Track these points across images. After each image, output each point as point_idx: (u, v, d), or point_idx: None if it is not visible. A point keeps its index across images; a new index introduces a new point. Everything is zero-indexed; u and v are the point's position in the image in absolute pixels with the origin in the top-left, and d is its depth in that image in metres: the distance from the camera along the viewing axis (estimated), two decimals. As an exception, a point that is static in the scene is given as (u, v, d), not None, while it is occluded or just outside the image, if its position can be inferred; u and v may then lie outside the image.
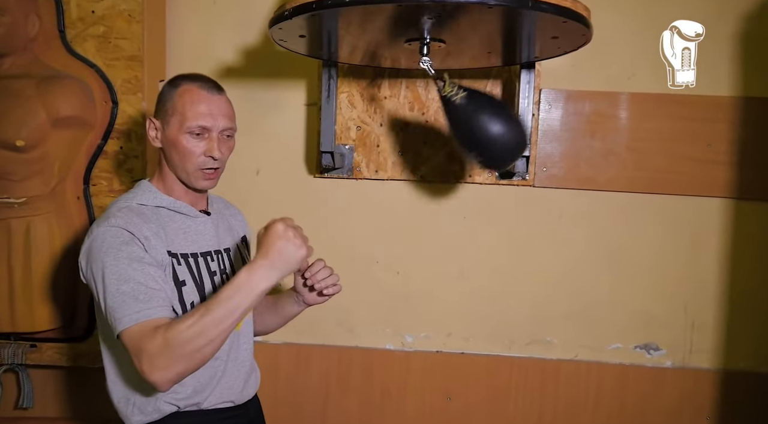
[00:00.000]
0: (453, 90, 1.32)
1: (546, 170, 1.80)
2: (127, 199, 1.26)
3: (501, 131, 1.31)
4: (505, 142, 1.34)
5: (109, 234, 1.15)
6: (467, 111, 1.32)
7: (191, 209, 1.30)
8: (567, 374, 1.84)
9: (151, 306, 1.10)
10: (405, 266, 1.87)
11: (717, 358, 1.81)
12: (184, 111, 1.23)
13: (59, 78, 1.67)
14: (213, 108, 1.24)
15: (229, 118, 1.27)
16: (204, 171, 1.26)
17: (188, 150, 1.24)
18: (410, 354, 1.88)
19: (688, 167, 1.76)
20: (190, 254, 1.26)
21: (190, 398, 1.23)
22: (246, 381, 1.35)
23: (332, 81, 1.66)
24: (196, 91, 1.24)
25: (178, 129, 1.23)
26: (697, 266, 1.80)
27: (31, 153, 1.63)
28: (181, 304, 1.21)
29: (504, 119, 1.33)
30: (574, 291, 1.84)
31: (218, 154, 1.24)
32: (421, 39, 1.29)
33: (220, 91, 1.28)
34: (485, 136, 1.32)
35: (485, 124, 1.31)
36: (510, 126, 1.34)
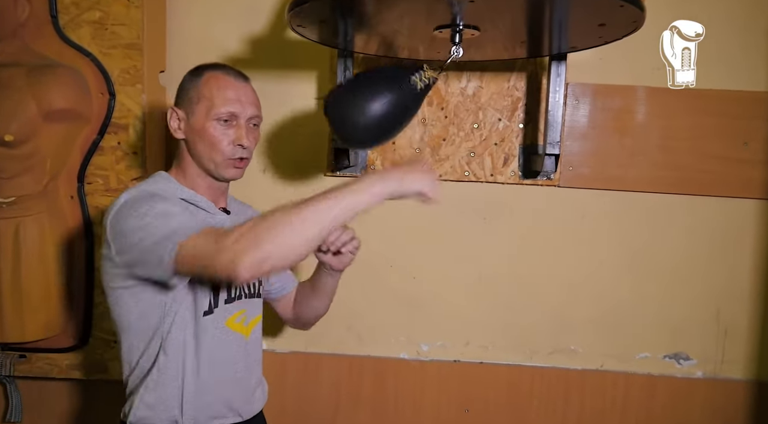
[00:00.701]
0: (428, 80, 1.25)
1: (572, 170, 1.70)
2: (149, 185, 1.19)
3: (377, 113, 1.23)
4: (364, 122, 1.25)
5: (143, 193, 1.13)
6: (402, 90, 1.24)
7: (211, 205, 1.25)
8: (592, 385, 1.74)
9: (198, 221, 1.10)
10: (421, 271, 1.77)
11: (751, 368, 1.72)
12: (211, 97, 1.19)
13: (51, 67, 1.54)
14: (241, 95, 1.20)
15: (257, 107, 1.24)
16: (233, 160, 1.21)
17: (216, 138, 1.19)
18: (426, 364, 1.77)
19: (722, 167, 1.67)
20: None
21: (191, 411, 1.18)
22: (253, 394, 1.30)
23: (348, 73, 1.54)
24: (223, 78, 1.21)
25: (205, 116, 1.18)
26: (731, 271, 1.71)
27: (21, 149, 1.50)
28: (194, 309, 1.17)
29: (388, 118, 1.25)
30: (600, 297, 1.74)
31: (247, 143, 1.20)
32: (454, 26, 1.18)
33: (246, 79, 1.25)
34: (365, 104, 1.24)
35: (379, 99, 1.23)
36: (378, 125, 1.26)
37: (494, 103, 1.68)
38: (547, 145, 1.51)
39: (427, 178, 1.11)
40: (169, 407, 1.16)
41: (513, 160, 1.70)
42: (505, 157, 1.69)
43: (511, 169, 1.70)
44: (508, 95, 1.68)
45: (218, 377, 1.21)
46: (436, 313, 1.77)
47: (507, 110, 1.68)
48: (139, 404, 1.16)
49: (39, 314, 1.59)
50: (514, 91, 1.68)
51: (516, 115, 1.68)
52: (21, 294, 1.56)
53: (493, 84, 1.68)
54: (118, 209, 1.11)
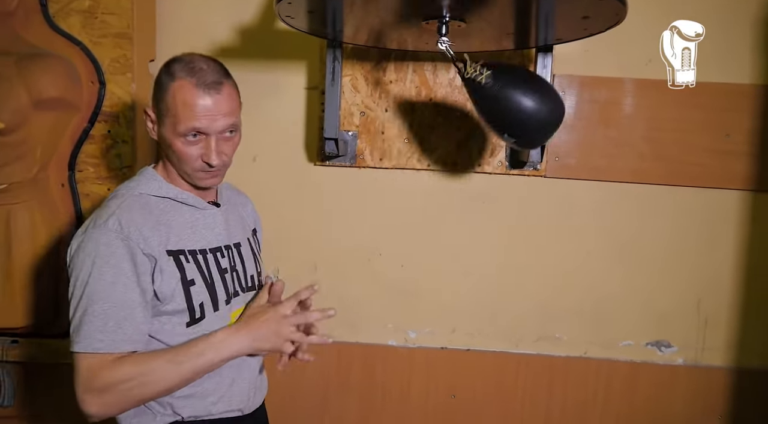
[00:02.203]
0: (476, 70, 1.23)
1: (558, 160, 1.72)
2: (130, 187, 1.17)
3: (534, 106, 1.23)
4: (541, 117, 1.26)
5: (102, 241, 1.06)
6: (494, 90, 1.23)
7: (199, 201, 1.20)
8: (576, 372, 1.78)
9: (116, 339, 1.05)
10: (409, 259, 1.79)
11: (730, 356, 1.76)
12: (176, 113, 1.10)
13: (41, 56, 1.55)
14: (210, 109, 1.10)
15: (230, 115, 1.13)
16: (204, 172, 1.16)
17: (184, 154, 1.12)
18: (413, 351, 1.80)
19: (705, 158, 1.70)
20: (198, 251, 1.16)
21: (193, 407, 1.15)
22: (255, 388, 1.27)
23: (337, 63, 1.55)
24: (190, 91, 1.09)
25: (172, 132, 1.11)
26: (712, 260, 1.74)
27: (11, 136, 1.51)
28: (189, 305, 1.13)
29: (536, 91, 1.25)
30: (584, 286, 1.77)
31: (216, 161, 1.13)
32: (440, 17, 1.19)
33: (219, 85, 1.11)
34: (518, 113, 1.24)
35: (516, 101, 1.23)
36: (544, 97, 1.25)
37: (482, 94, 1.70)
38: (533, 136, 1.53)
39: (281, 348, 1.15)
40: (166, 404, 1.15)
41: (500, 150, 1.72)
42: (492, 147, 1.71)
43: (498, 160, 1.72)
44: (496, 86, 1.69)
45: (218, 380, 1.18)
46: (424, 301, 1.80)
47: (495, 101, 1.70)
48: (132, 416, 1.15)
49: (30, 299, 1.60)
50: (501, 82, 1.69)
51: (503, 106, 1.70)
52: (12, 280, 1.57)
53: (481, 75, 1.69)
54: (79, 245, 1.08)
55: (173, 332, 1.12)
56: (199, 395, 1.15)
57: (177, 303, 1.12)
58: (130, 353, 1.06)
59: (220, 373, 1.15)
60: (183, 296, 1.12)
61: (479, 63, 1.25)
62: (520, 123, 1.25)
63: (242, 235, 1.30)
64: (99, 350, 1.04)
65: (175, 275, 1.11)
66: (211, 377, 1.14)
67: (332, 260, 1.80)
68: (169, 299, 1.11)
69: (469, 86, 1.27)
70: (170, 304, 1.11)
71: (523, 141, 1.33)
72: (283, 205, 1.78)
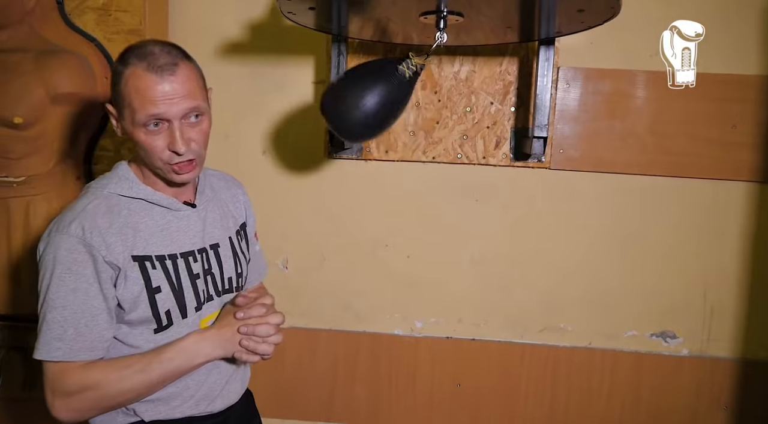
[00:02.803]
0: (415, 66, 1.28)
1: (563, 152, 1.73)
2: (101, 185, 1.12)
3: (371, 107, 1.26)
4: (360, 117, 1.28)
5: (63, 246, 1.02)
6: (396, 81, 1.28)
7: (173, 202, 1.14)
8: (580, 362, 1.79)
9: (74, 348, 1.02)
10: (415, 250, 1.82)
11: (736, 347, 1.76)
12: (131, 103, 1.03)
13: (58, 52, 1.61)
14: (166, 92, 1.02)
15: (189, 98, 1.04)
16: (175, 166, 1.08)
17: (149, 146, 1.05)
18: (419, 340, 1.83)
19: (711, 150, 1.70)
20: (167, 256, 1.11)
21: (156, 410, 1.13)
22: (224, 388, 1.21)
23: (342, 57, 1.58)
24: (141, 76, 1.02)
25: (131, 123, 1.05)
26: (718, 252, 1.74)
27: (29, 131, 1.58)
28: (154, 313, 1.09)
29: (382, 110, 1.28)
30: (590, 276, 1.78)
31: (182, 148, 1.04)
32: (438, 12, 1.22)
33: (173, 66, 1.03)
34: (358, 99, 1.27)
35: (370, 95, 1.26)
36: (374, 118, 1.28)
37: (486, 87, 1.72)
38: (535, 128, 1.55)
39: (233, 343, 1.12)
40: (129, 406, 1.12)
41: (504, 142, 1.73)
42: (496, 140, 1.73)
43: (502, 152, 1.74)
44: (500, 79, 1.71)
45: (185, 383, 1.15)
46: (430, 291, 1.83)
47: (499, 94, 1.72)
48: None
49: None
50: (506, 75, 1.71)
51: (508, 99, 1.72)
52: (32, 269, 1.63)
53: (486, 68, 1.71)
54: (44, 249, 1.05)
55: (142, 338, 1.10)
56: (164, 399, 1.13)
57: (142, 311, 1.08)
58: (97, 360, 1.05)
59: (185, 377, 1.12)
60: (147, 303, 1.08)
61: (421, 66, 1.30)
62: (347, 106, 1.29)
63: (223, 234, 1.24)
64: (56, 358, 1.02)
65: (138, 282, 1.07)
66: (176, 382, 1.11)
67: (339, 251, 1.83)
68: (132, 308, 1.07)
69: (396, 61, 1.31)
70: (135, 312, 1.08)
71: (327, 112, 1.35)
72: (290, 198, 1.82)
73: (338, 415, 1.86)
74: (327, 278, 1.84)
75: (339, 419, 1.86)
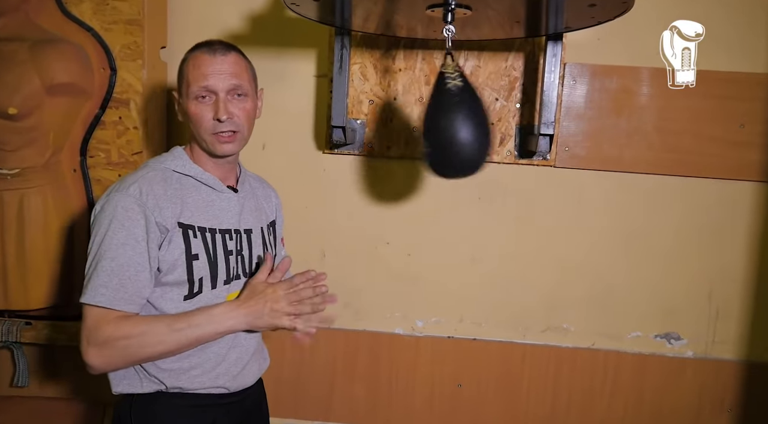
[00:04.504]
0: (453, 73, 1.22)
1: (568, 150, 1.70)
2: (158, 161, 1.25)
3: (466, 139, 1.19)
4: (462, 153, 1.21)
5: (121, 204, 1.13)
6: (451, 100, 1.20)
7: (218, 183, 1.26)
8: (583, 363, 1.77)
9: (116, 297, 1.11)
10: (416, 248, 1.79)
11: (740, 349, 1.74)
12: (188, 78, 1.21)
13: (54, 42, 1.57)
14: (216, 68, 1.19)
15: (236, 76, 1.21)
16: (218, 135, 1.21)
17: (198, 116, 1.20)
18: (420, 339, 1.81)
19: (718, 149, 1.68)
20: (208, 229, 1.21)
21: (177, 378, 1.19)
22: (244, 367, 1.28)
23: (345, 51, 1.55)
24: (199, 57, 1.21)
25: (187, 97, 1.21)
26: (724, 253, 1.72)
27: (24, 122, 1.53)
28: (189, 277, 1.18)
29: (477, 129, 1.20)
30: (593, 276, 1.76)
31: (224, 116, 1.19)
32: (446, 5, 1.18)
33: (227, 51, 1.22)
34: (448, 134, 1.20)
35: (457, 123, 1.19)
36: (477, 141, 1.20)
37: (492, 82, 1.69)
38: (541, 125, 1.52)
39: (279, 324, 1.20)
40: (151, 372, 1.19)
41: (509, 140, 1.71)
42: (501, 136, 1.70)
43: (507, 149, 1.71)
44: (506, 75, 1.68)
45: (207, 356, 1.21)
46: (431, 290, 1.80)
47: (504, 90, 1.69)
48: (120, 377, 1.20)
49: (43, 283, 1.63)
50: (511, 70, 1.68)
51: (513, 95, 1.69)
52: (25, 264, 1.60)
53: (491, 63, 1.68)
54: (102, 205, 1.15)
55: (171, 303, 1.18)
56: (185, 368, 1.19)
57: (178, 274, 1.17)
58: (134, 314, 1.13)
59: (207, 348, 1.20)
60: (185, 268, 1.17)
61: (460, 71, 1.22)
62: (444, 144, 1.22)
63: (256, 223, 1.34)
64: (100, 303, 1.10)
65: (180, 246, 1.17)
66: (197, 351, 1.19)
67: (340, 248, 1.81)
68: (171, 270, 1.16)
69: (439, 81, 1.23)
70: (172, 274, 1.16)
71: (433, 160, 1.28)
72: (291, 193, 1.78)
73: (337, 414, 1.84)
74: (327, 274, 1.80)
75: (338, 418, 1.84)
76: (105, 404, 1.80)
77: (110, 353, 1.11)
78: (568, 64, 1.68)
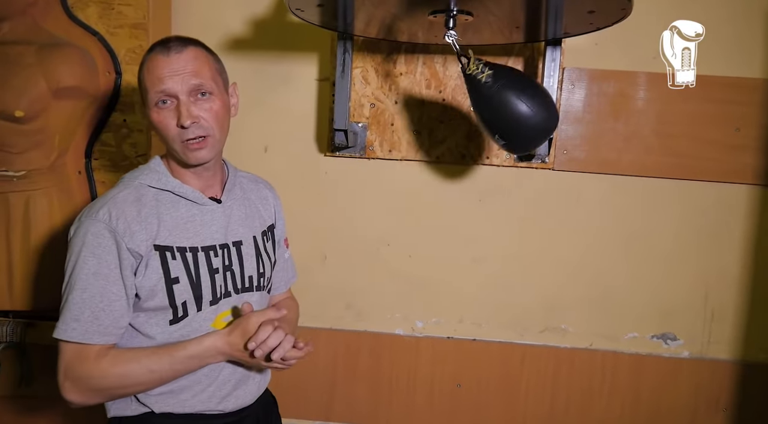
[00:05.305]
0: (478, 68, 1.24)
1: (566, 153, 1.73)
2: (134, 176, 1.17)
3: (529, 111, 1.23)
4: (532, 124, 1.26)
5: (91, 230, 1.07)
6: (492, 90, 1.24)
7: (199, 196, 1.17)
8: (581, 363, 1.79)
9: (89, 330, 1.06)
10: (417, 250, 1.81)
11: (736, 349, 1.77)
12: (145, 84, 1.10)
13: (60, 46, 1.59)
14: (173, 68, 1.08)
15: (195, 75, 1.09)
16: (186, 143, 1.10)
17: (161, 124, 1.10)
18: (420, 340, 1.83)
19: (714, 152, 1.70)
20: (188, 248, 1.13)
21: (165, 403, 1.15)
22: (237, 387, 1.21)
23: (347, 55, 1.58)
24: (153, 58, 1.10)
25: (148, 106, 1.11)
26: (720, 255, 1.74)
27: (31, 124, 1.55)
28: (171, 303, 1.12)
29: (533, 97, 1.24)
30: (591, 278, 1.79)
31: (188, 121, 1.08)
32: (447, 11, 1.21)
33: (182, 47, 1.10)
34: (510, 117, 1.25)
35: (511, 105, 1.24)
36: (540, 104, 1.25)
37: (491, 86, 1.71)
38: (540, 128, 1.54)
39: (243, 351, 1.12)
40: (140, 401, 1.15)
41: (509, 143, 1.73)
42: (501, 140, 1.73)
43: (506, 152, 1.73)
44: (505, 79, 1.71)
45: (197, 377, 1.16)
46: (431, 291, 1.82)
47: (504, 94, 1.71)
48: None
49: (48, 284, 1.65)
50: (511, 75, 1.70)
51: (512, 99, 1.71)
52: (31, 264, 1.62)
53: (491, 68, 1.71)
54: (74, 231, 1.10)
55: (157, 328, 1.13)
56: (174, 391, 1.14)
57: (159, 300, 1.10)
58: (110, 347, 1.08)
59: (198, 371, 1.14)
60: (165, 293, 1.10)
61: (482, 61, 1.26)
62: (512, 126, 1.26)
63: (247, 232, 1.25)
64: (72, 338, 1.05)
65: (157, 271, 1.09)
66: (187, 375, 1.14)
67: (341, 250, 1.83)
68: (150, 296, 1.10)
69: (469, 82, 1.28)
70: (152, 300, 1.10)
71: (513, 145, 1.34)
72: (293, 196, 1.80)
73: (338, 414, 1.85)
74: (328, 276, 1.83)
75: (339, 418, 1.86)
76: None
77: (87, 389, 1.07)
78: (567, 69, 1.70)
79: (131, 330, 1.12)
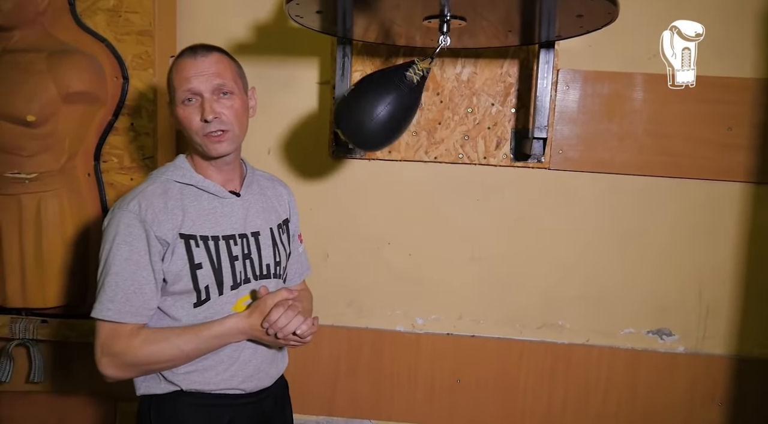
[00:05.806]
0: (421, 70, 1.32)
1: (562, 153, 1.77)
2: (161, 172, 1.28)
3: (380, 120, 1.32)
4: (368, 131, 1.34)
5: (123, 221, 1.18)
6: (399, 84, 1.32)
7: (220, 189, 1.28)
8: (578, 359, 1.83)
9: (122, 310, 1.17)
10: (417, 248, 1.86)
11: (730, 344, 1.80)
12: (174, 84, 1.23)
13: (69, 52, 1.64)
14: (199, 70, 1.21)
15: (218, 76, 1.22)
16: (208, 136, 1.22)
17: (186, 119, 1.22)
18: (420, 336, 1.87)
19: (707, 151, 1.73)
20: (210, 237, 1.23)
21: (192, 380, 1.24)
22: (259, 369, 1.31)
23: (347, 59, 1.62)
24: (182, 62, 1.24)
25: (176, 105, 1.24)
26: (714, 251, 1.78)
27: (42, 128, 1.61)
28: (195, 286, 1.22)
29: (391, 120, 1.33)
30: (587, 275, 1.82)
31: (210, 115, 1.20)
32: (442, 16, 1.25)
33: (208, 52, 1.24)
34: (371, 107, 1.32)
35: (383, 103, 1.31)
36: (386, 128, 1.34)
37: (488, 88, 1.75)
38: (535, 129, 1.59)
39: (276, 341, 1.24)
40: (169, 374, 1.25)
41: (505, 143, 1.77)
42: (497, 140, 1.77)
43: (503, 152, 1.77)
44: (501, 81, 1.75)
45: (220, 358, 1.25)
46: (431, 288, 1.86)
47: (500, 95, 1.76)
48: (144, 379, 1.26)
49: (58, 282, 1.71)
50: (506, 77, 1.75)
51: (508, 101, 1.75)
52: (42, 263, 1.68)
53: (487, 70, 1.75)
54: (108, 221, 1.20)
55: (182, 311, 1.23)
56: (199, 369, 1.24)
57: (184, 284, 1.21)
58: (141, 326, 1.19)
59: (221, 351, 1.25)
60: (190, 277, 1.21)
61: (427, 70, 1.34)
62: (360, 118, 1.34)
63: (264, 224, 1.34)
64: (107, 317, 1.16)
65: (183, 257, 1.20)
66: (211, 354, 1.24)
67: (343, 249, 1.87)
68: (176, 280, 1.20)
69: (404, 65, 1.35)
70: (178, 284, 1.20)
71: (345, 125, 1.39)
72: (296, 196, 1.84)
73: (340, 409, 1.90)
74: (330, 274, 1.88)
75: (341, 413, 1.90)
76: (116, 399, 1.87)
77: (122, 366, 1.18)
78: (561, 71, 1.74)
79: (159, 313, 1.23)
